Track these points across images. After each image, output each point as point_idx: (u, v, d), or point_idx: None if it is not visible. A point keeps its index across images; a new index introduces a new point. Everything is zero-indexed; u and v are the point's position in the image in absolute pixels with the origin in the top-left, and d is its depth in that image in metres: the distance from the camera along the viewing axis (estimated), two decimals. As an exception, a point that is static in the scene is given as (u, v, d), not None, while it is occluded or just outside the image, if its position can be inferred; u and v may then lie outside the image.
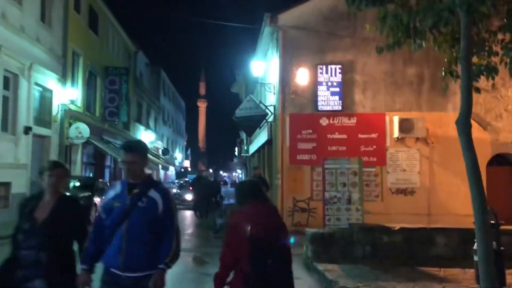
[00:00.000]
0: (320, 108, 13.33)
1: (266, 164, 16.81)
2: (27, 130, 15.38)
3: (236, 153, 43.22)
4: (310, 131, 13.33)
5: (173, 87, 57.82)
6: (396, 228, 8.45)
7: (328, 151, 13.17)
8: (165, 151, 43.20)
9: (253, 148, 22.76)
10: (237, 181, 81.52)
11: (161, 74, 48.48)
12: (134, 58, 32.36)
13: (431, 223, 12.96)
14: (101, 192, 16.87)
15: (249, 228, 3.06)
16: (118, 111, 24.22)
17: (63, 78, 18.42)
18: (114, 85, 24.19)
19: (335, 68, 13.39)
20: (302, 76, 13.09)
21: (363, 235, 8.31)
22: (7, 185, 14.46)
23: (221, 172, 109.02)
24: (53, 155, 17.72)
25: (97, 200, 16.08)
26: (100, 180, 18.27)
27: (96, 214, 3.48)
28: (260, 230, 3.08)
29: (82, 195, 15.45)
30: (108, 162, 26.10)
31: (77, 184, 17.01)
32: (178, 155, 61.63)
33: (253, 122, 13.78)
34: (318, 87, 13.33)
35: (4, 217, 14.01)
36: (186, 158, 72.37)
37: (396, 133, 13.23)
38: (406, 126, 13.07)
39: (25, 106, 15.42)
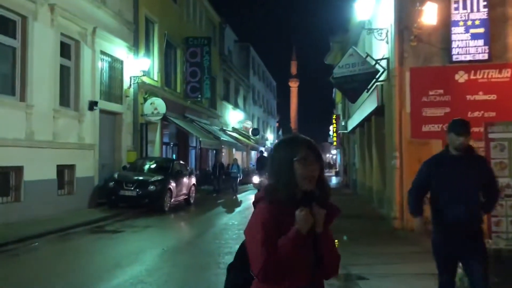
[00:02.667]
0: (455, 58, 9.45)
1: (374, 142, 13.19)
2: (93, 105, 13.41)
3: (331, 132, 39.49)
4: (441, 91, 9.52)
5: (263, 65, 55.29)
6: None
7: (468, 118, 9.28)
8: (255, 131, 40.92)
9: (353, 122, 19.10)
10: (331, 163, 77.37)
11: (250, 51, 46.04)
12: (219, 31, 29.98)
13: None
14: (177, 175, 14.61)
15: None
16: (200, 87, 21.92)
17: (134, 47, 16.32)
18: (196, 57, 21.88)
19: (478, 0, 9.39)
20: (428, 15, 9.28)
21: None
22: (70, 168, 12.62)
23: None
24: (126, 134, 15.77)
25: (172, 185, 13.79)
26: (177, 161, 15.98)
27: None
28: None
29: (153, 179, 13.25)
30: (193, 143, 24.07)
31: (153, 166, 14.89)
32: (270, 135, 59.32)
33: (358, 83, 10.27)
34: (452, 28, 9.43)
35: (69, 205, 12.21)
36: (278, 139, 69.89)
37: None
38: None
39: (89, 78, 13.44)
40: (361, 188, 17.60)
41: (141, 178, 13.29)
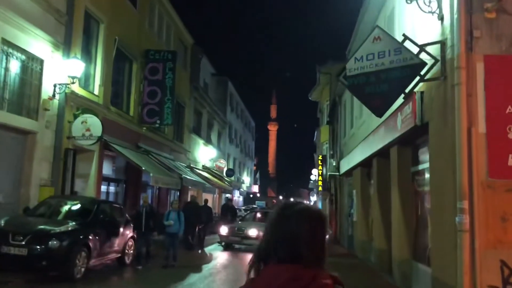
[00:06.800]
0: None
1: (397, 185, 8.85)
2: (-22, 114, 8.93)
3: (315, 176, 35.27)
4: (541, 97, 5.45)
5: (242, 103, 51.75)
6: None
7: None
8: (230, 172, 36.54)
9: (350, 161, 14.93)
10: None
11: (228, 86, 42.55)
12: (191, 54, 26.04)
13: None
14: (104, 223, 10.05)
15: None
16: (160, 110, 17.61)
17: (65, 45, 12.04)
18: (156, 74, 17.71)
19: None
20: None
21: None
22: None
23: (291, 200, 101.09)
24: (41, 162, 11.18)
25: (92, 238, 9.21)
26: (108, 204, 11.37)
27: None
28: None
29: (58, 229, 8.65)
30: (150, 180, 19.37)
31: (75, 207, 10.28)
32: (246, 178, 54.85)
33: (390, 84, 6.14)
34: (560, -9, 5.49)
35: None
36: (255, 183, 65.37)
37: None
38: None
39: (-22, 74, 9.03)
40: (362, 248, 13.20)
41: (39, 227, 8.64)
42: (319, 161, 26.42)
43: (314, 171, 35.04)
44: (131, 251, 11.29)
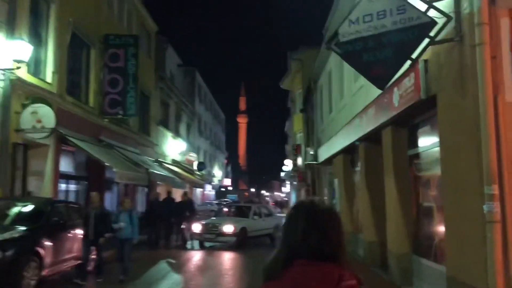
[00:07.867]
0: None
1: (392, 171, 7.91)
2: None
3: (286, 167, 34.44)
4: None
5: (210, 95, 50.41)
6: None
7: None
8: (201, 166, 35.29)
9: (330, 149, 13.99)
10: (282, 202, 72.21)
11: (196, 78, 41.17)
12: (156, 42, 24.54)
13: None
14: (59, 228, 8.75)
15: None
16: (123, 100, 16.20)
17: (8, 26, 10.53)
18: (117, 61, 16.26)
19: None
20: None
21: None
22: None
23: (263, 192, 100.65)
24: (-17, 160, 9.71)
25: (44, 245, 7.94)
26: (64, 204, 9.98)
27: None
28: None
29: (2, 236, 7.36)
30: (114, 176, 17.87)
31: (25, 210, 8.91)
32: (217, 172, 53.63)
33: (393, 49, 5.15)
34: None
35: None
36: (226, 176, 64.23)
37: None
38: None
39: None
40: (347, 241, 12.33)
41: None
42: (294, 150, 25.49)
43: (287, 162, 34.22)
44: (93, 256, 9.99)
